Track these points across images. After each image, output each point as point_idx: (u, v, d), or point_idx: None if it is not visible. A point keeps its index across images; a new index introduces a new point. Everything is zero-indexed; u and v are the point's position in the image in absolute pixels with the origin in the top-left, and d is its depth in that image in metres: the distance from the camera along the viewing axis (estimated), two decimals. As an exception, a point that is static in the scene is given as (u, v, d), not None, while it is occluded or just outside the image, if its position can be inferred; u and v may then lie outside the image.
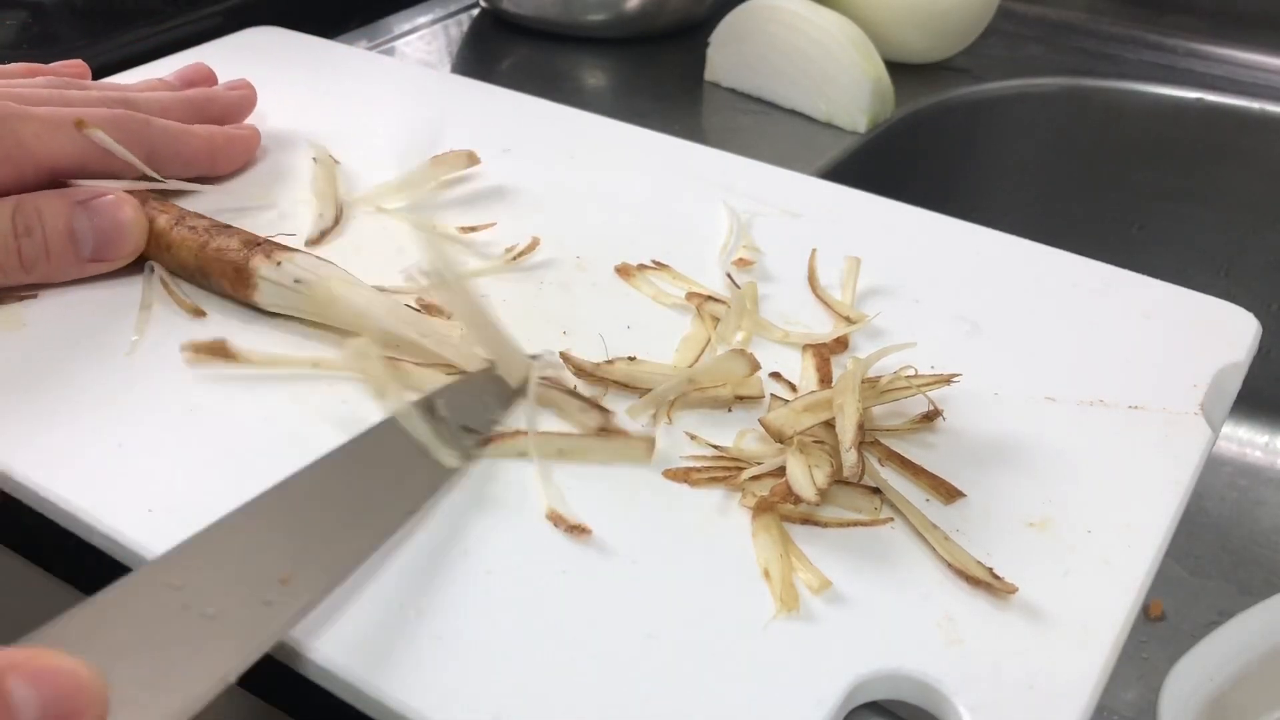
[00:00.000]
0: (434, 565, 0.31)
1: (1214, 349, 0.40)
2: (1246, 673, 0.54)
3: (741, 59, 0.68)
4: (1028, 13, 0.82)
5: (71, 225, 0.40)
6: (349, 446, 0.33)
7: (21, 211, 0.39)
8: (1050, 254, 0.46)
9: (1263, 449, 0.77)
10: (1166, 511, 0.34)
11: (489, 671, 0.28)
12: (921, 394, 0.37)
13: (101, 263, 0.41)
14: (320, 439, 0.33)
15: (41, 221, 0.40)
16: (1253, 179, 0.72)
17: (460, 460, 0.34)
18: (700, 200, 0.49)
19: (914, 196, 0.49)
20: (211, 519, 0.29)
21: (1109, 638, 0.30)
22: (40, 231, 0.40)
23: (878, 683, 0.29)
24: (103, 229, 0.41)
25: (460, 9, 0.80)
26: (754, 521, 0.32)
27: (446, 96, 0.58)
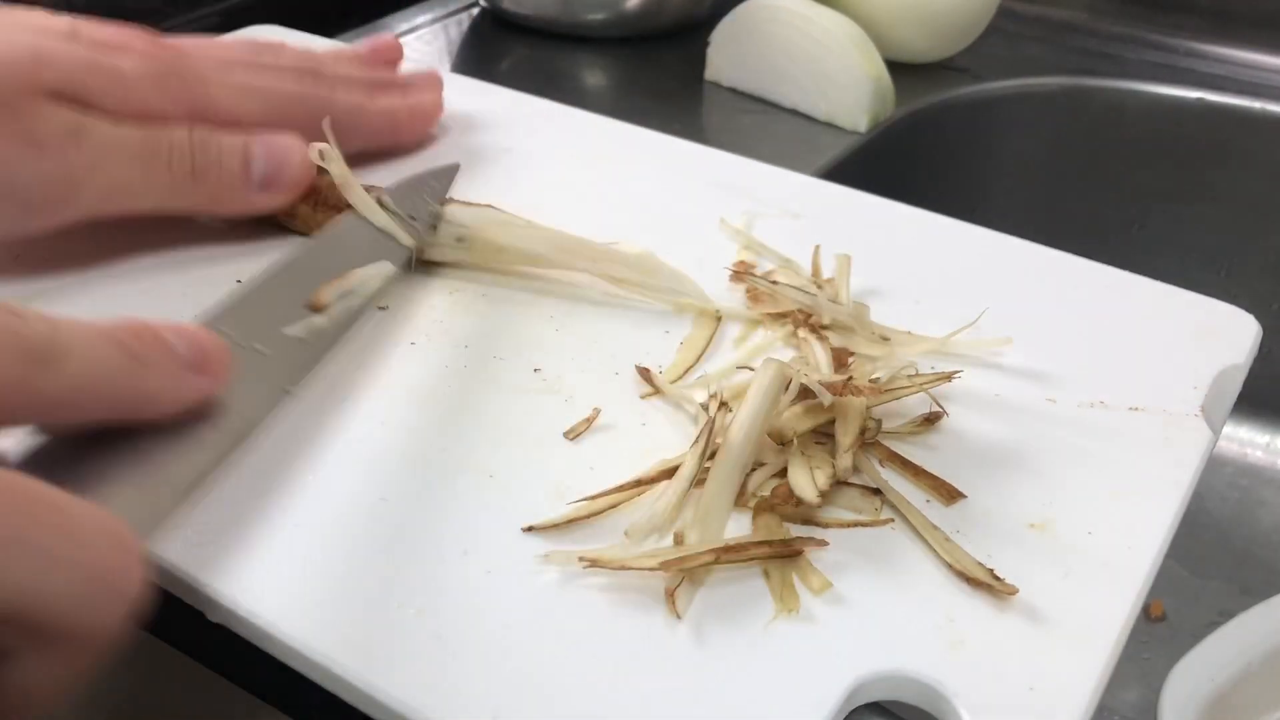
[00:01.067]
0: (434, 565, 0.31)
1: (1214, 350, 0.40)
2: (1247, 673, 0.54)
3: (741, 59, 0.68)
4: (1028, 12, 0.82)
5: (248, 149, 0.42)
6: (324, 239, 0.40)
7: (199, 132, 0.41)
8: (1050, 254, 0.46)
9: (1263, 449, 0.77)
10: (1167, 512, 0.34)
11: (489, 671, 0.28)
12: (924, 392, 0.37)
13: (268, 193, 0.43)
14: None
15: (219, 141, 0.41)
16: (1253, 179, 0.72)
17: (411, 240, 0.42)
18: (700, 200, 0.49)
19: (914, 196, 0.49)
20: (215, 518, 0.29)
21: (1109, 638, 0.30)
22: (216, 149, 0.41)
23: (878, 683, 0.29)
24: (275, 160, 0.42)
25: (460, 9, 0.80)
26: (754, 521, 0.32)
27: (446, 96, 0.58)
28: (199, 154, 0.41)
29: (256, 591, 0.30)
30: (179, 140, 0.41)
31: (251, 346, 0.33)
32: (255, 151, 0.42)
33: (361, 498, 0.33)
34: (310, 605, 0.30)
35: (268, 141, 0.42)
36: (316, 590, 0.30)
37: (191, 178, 0.41)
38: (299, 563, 0.31)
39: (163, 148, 0.40)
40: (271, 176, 0.42)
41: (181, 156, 0.40)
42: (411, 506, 0.33)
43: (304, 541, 0.32)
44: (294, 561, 0.31)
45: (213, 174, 0.41)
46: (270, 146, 0.42)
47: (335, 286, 0.38)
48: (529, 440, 0.35)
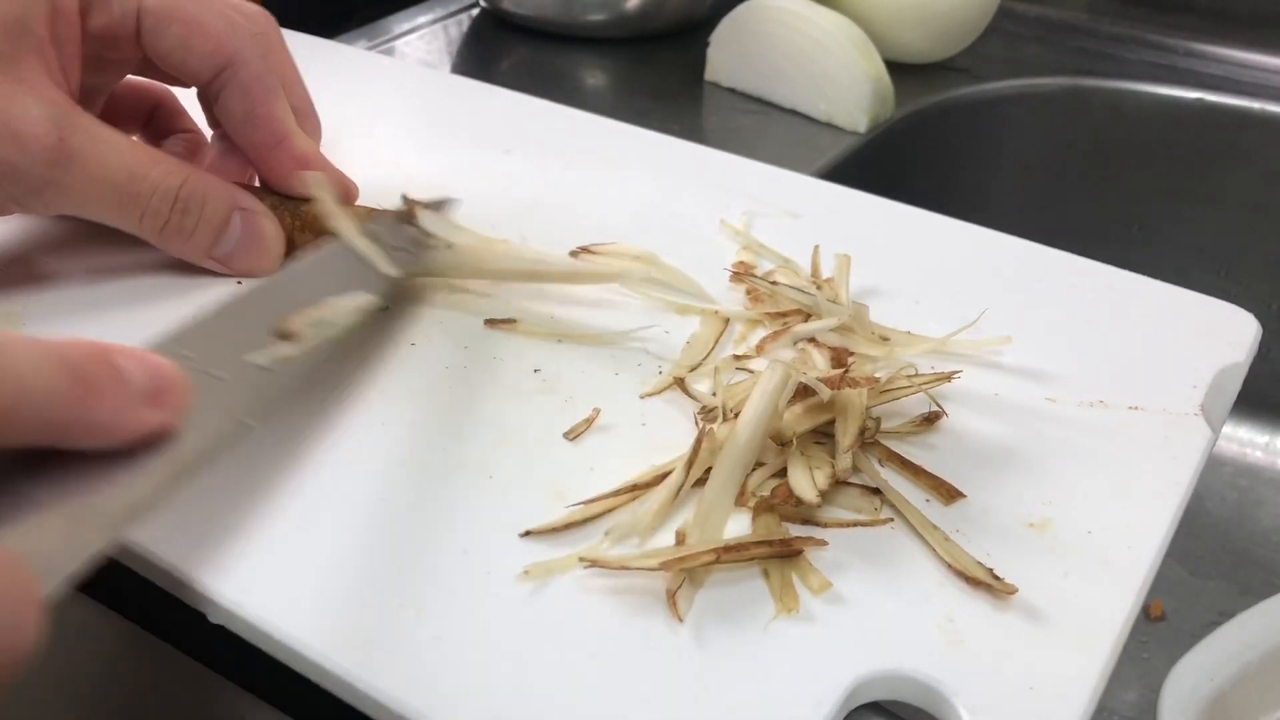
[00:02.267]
0: (434, 565, 0.31)
1: (1214, 349, 0.40)
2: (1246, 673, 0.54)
3: (741, 59, 0.68)
4: (1028, 13, 0.82)
5: (227, 226, 0.41)
6: (302, 264, 0.38)
7: (189, 189, 0.40)
8: (1050, 253, 0.46)
9: (1263, 449, 0.77)
10: (1166, 512, 0.34)
11: (489, 672, 0.28)
12: (923, 392, 0.37)
13: (226, 268, 0.42)
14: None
15: (203, 208, 0.40)
16: (1253, 179, 0.72)
17: (397, 270, 0.39)
18: (700, 200, 0.49)
19: (914, 196, 0.49)
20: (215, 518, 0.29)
21: (1109, 638, 0.30)
22: (197, 216, 0.40)
23: (878, 683, 0.29)
24: (248, 242, 0.41)
25: (460, 9, 0.80)
26: (754, 521, 0.32)
27: (446, 96, 0.58)
28: (177, 219, 0.40)
29: (257, 592, 0.30)
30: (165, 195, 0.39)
31: (211, 372, 0.31)
32: (232, 229, 0.41)
33: (361, 498, 0.33)
34: (310, 606, 0.30)
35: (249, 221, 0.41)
36: (316, 591, 0.30)
37: (159, 235, 0.40)
38: (299, 564, 0.31)
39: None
40: (231, 258, 0.41)
41: (159, 214, 0.39)
42: (411, 507, 0.33)
43: (304, 542, 0.32)
44: (294, 562, 0.31)
45: (177, 241, 0.40)
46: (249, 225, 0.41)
47: (308, 315, 0.35)
48: (528, 440, 0.35)
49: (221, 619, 0.30)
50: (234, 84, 0.41)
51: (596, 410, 0.36)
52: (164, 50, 0.40)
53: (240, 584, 0.30)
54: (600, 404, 0.37)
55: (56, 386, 0.24)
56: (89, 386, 0.24)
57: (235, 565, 0.31)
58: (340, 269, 0.39)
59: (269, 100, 0.42)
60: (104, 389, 0.25)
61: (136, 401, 0.26)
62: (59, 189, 0.37)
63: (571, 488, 0.34)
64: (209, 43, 0.40)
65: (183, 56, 0.41)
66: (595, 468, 0.35)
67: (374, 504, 0.33)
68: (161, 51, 0.41)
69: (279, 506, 0.33)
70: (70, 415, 0.24)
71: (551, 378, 0.38)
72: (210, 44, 0.40)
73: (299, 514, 0.32)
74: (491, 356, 0.39)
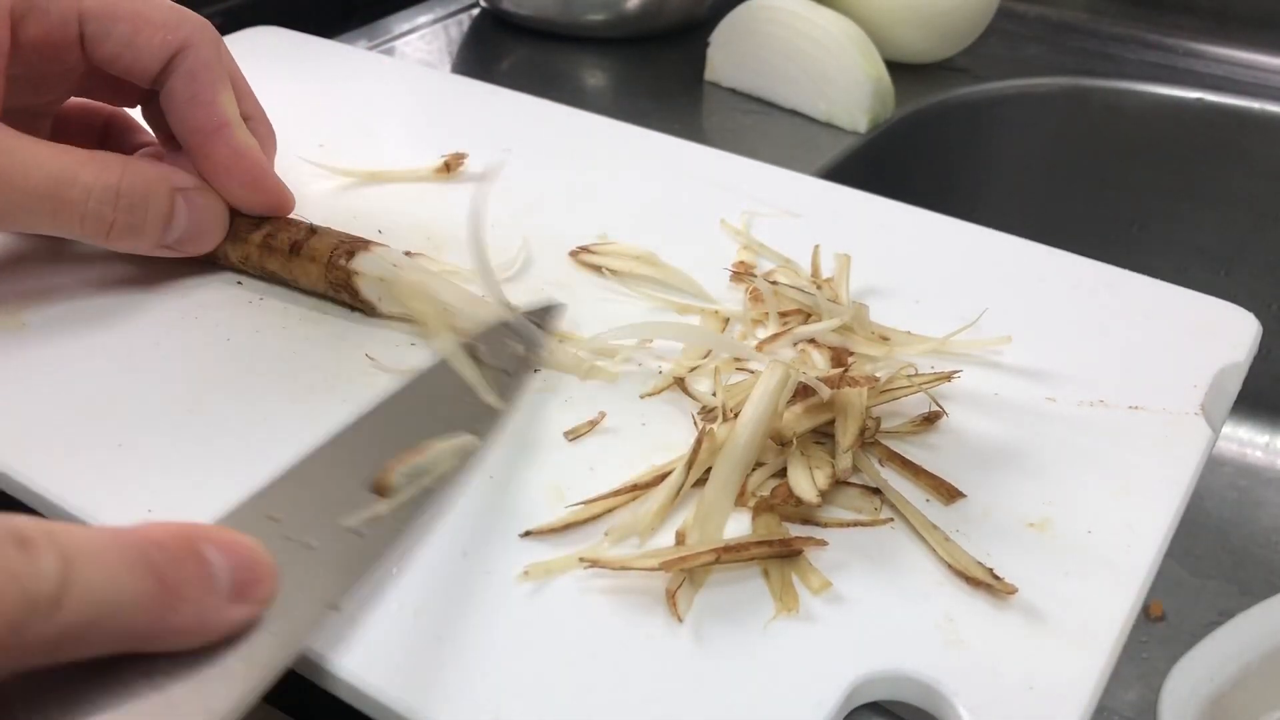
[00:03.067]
0: (434, 565, 0.31)
1: (1214, 349, 0.40)
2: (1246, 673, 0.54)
3: (741, 59, 0.68)
4: (1028, 13, 0.82)
5: (173, 213, 0.39)
6: (404, 390, 0.34)
7: (128, 182, 0.38)
8: (1050, 254, 0.46)
9: (1263, 449, 0.77)
10: (1166, 511, 0.34)
11: (489, 671, 0.28)
12: (923, 392, 0.37)
13: (175, 252, 0.41)
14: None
15: (148, 201, 0.38)
16: (1253, 179, 0.72)
17: (501, 402, 0.35)
18: (700, 200, 0.49)
19: (914, 196, 0.49)
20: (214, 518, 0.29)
21: (1109, 638, 0.30)
22: (144, 210, 0.38)
23: (878, 683, 0.29)
24: (195, 223, 0.40)
25: (460, 9, 0.80)
26: (754, 521, 0.32)
27: (446, 96, 0.58)
28: (123, 216, 0.38)
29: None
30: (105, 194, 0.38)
31: (302, 541, 0.28)
32: (179, 215, 0.40)
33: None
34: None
35: (193, 201, 0.40)
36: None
37: (106, 235, 0.38)
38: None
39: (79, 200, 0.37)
40: (185, 241, 0.40)
41: (101, 215, 0.38)
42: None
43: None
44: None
45: (125, 238, 0.39)
46: (195, 207, 0.40)
47: (405, 463, 0.31)
48: (529, 440, 0.35)
49: (221, 619, 0.30)
50: (182, 69, 0.40)
51: (602, 414, 0.36)
52: (110, 52, 0.39)
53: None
54: (600, 404, 0.37)
55: (139, 593, 0.22)
56: (173, 590, 0.22)
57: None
58: (440, 396, 0.35)
59: (214, 86, 0.40)
60: (189, 591, 0.23)
61: (223, 599, 0.24)
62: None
63: (571, 488, 0.34)
64: (157, 34, 0.39)
65: (132, 55, 0.39)
66: (595, 468, 0.35)
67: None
68: (107, 54, 0.39)
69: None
70: (153, 623, 0.22)
71: (552, 378, 0.38)
72: (159, 35, 0.39)
73: (299, 514, 0.32)
74: (491, 356, 0.39)
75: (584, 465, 0.35)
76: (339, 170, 0.49)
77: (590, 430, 0.36)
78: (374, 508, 0.30)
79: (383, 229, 0.46)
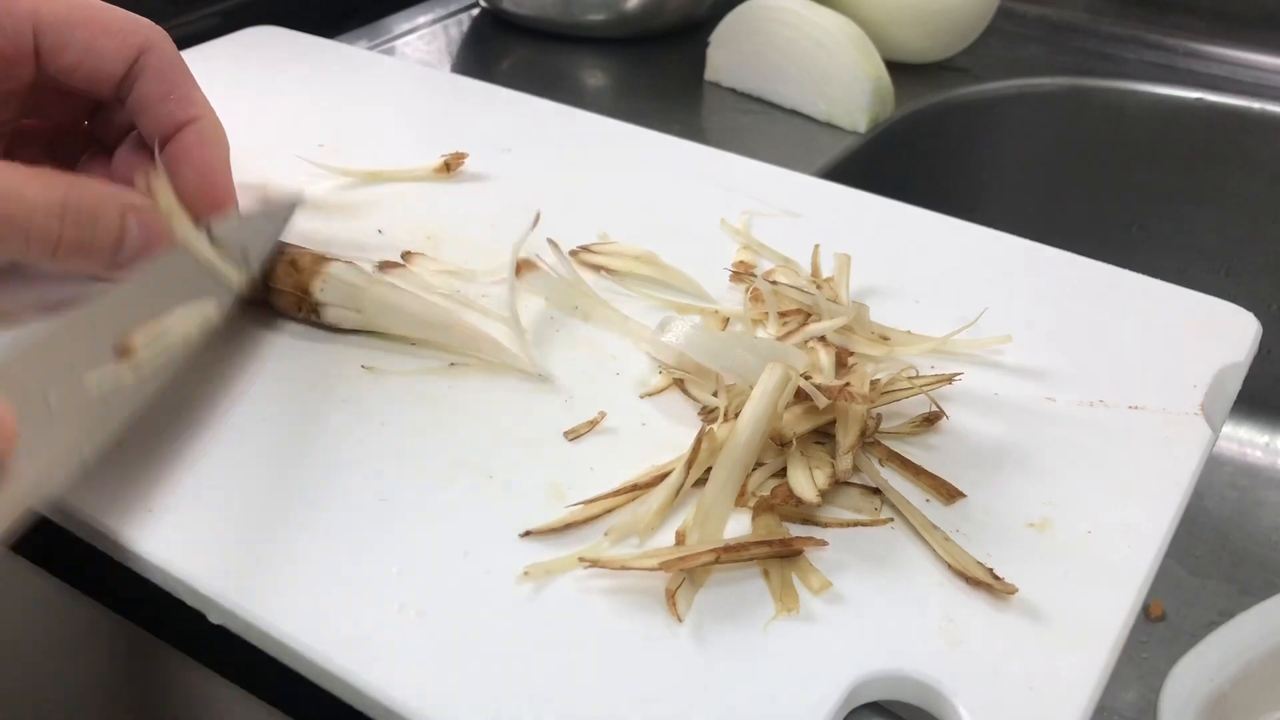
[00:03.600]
0: (434, 566, 0.31)
1: (1214, 349, 0.40)
2: (1246, 673, 0.54)
3: (741, 59, 0.68)
4: (1028, 13, 0.82)
5: (124, 230, 0.37)
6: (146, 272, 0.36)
7: (75, 197, 0.36)
8: (1050, 252, 0.46)
9: (1263, 449, 0.77)
10: (1166, 511, 0.34)
11: (489, 671, 0.28)
12: (923, 394, 0.37)
13: (119, 274, 0.39)
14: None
15: (95, 219, 0.37)
16: (1253, 179, 0.72)
17: (238, 276, 0.37)
18: (700, 200, 0.49)
19: (914, 196, 0.49)
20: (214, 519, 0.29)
21: (1109, 638, 0.30)
22: (91, 227, 0.37)
23: (878, 683, 0.29)
24: (148, 242, 0.38)
25: (460, 9, 0.80)
26: (754, 521, 0.32)
27: (446, 96, 0.58)
28: (71, 233, 0.36)
29: (257, 592, 0.30)
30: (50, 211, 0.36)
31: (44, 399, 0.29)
32: (130, 234, 0.37)
33: (361, 499, 0.33)
34: (310, 606, 0.30)
35: (144, 220, 0.38)
36: (317, 591, 0.30)
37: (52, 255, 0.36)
38: (299, 564, 0.31)
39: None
40: (136, 259, 0.38)
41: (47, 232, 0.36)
42: (411, 507, 0.33)
43: (304, 543, 0.32)
44: (294, 562, 0.31)
45: (74, 258, 0.37)
46: (146, 225, 0.38)
47: (148, 330, 0.33)
48: (528, 440, 0.35)
49: (222, 619, 0.30)
50: (149, 69, 0.39)
51: (602, 414, 0.36)
52: (70, 62, 0.38)
53: (240, 584, 0.30)
54: (600, 404, 0.37)
55: None
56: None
57: (236, 566, 0.31)
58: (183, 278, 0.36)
59: (187, 81, 0.40)
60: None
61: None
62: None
63: (572, 488, 0.34)
64: (117, 37, 0.38)
65: (93, 62, 0.38)
66: (595, 468, 0.35)
67: (374, 504, 0.33)
68: (67, 64, 0.38)
69: (279, 507, 0.33)
70: None
71: (552, 378, 0.38)
72: (119, 38, 0.38)
73: (299, 514, 0.32)
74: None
75: (584, 465, 0.35)
76: (339, 170, 0.49)
77: (590, 430, 0.36)
78: (119, 371, 0.32)
79: (383, 229, 0.46)
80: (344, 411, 0.36)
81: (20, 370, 0.29)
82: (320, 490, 0.33)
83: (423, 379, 0.38)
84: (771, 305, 0.40)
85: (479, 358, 0.39)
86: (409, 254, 0.44)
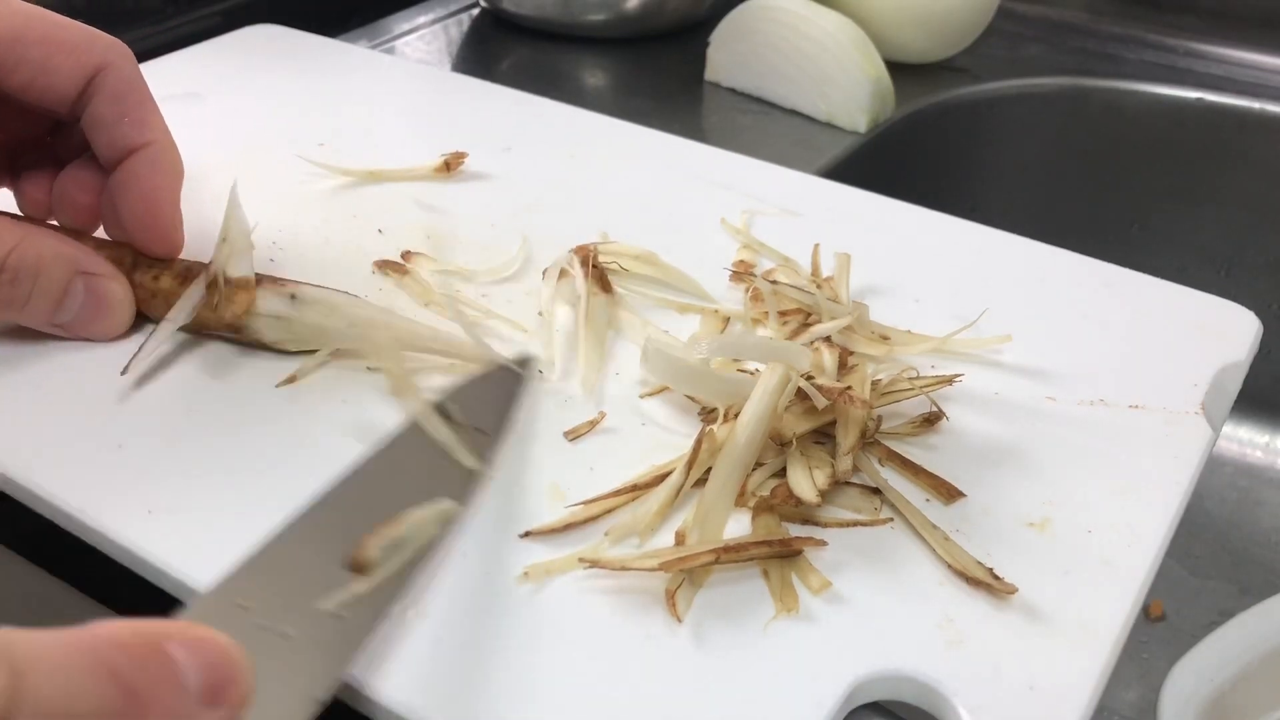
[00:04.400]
0: (434, 567, 0.31)
1: (1214, 348, 0.40)
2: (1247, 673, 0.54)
3: (741, 59, 0.68)
4: (1028, 13, 0.82)
5: (66, 294, 0.37)
6: (375, 456, 0.32)
7: (20, 255, 0.36)
8: (1050, 253, 0.46)
9: (1263, 449, 0.77)
10: (1166, 511, 0.34)
11: (489, 672, 0.28)
12: (924, 395, 0.37)
13: (70, 334, 0.39)
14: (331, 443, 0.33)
15: (37, 277, 0.37)
16: (1253, 179, 0.72)
17: (477, 462, 0.33)
18: (700, 200, 0.49)
19: (914, 196, 0.49)
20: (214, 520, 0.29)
21: (1109, 638, 0.30)
22: (30, 285, 0.37)
23: (878, 683, 0.29)
24: (92, 309, 0.38)
25: (460, 9, 0.80)
26: (754, 521, 0.32)
27: (446, 96, 0.58)
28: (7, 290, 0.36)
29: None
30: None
31: (278, 630, 0.26)
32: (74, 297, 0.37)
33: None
34: (310, 605, 0.30)
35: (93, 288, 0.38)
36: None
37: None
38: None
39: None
40: (77, 325, 0.38)
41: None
42: (411, 506, 0.33)
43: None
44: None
45: (10, 311, 0.37)
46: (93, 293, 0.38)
47: (383, 536, 0.29)
48: (528, 440, 0.35)
49: (221, 619, 0.30)
50: (105, 90, 0.38)
51: (602, 414, 0.36)
52: (23, 80, 0.37)
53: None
54: (600, 404, 0.37)
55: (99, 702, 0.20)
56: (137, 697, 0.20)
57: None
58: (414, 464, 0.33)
59: (143, 105, 0.39)
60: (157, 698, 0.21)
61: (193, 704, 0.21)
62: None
63: (571, 488, 0.34)
64: (72, 56, 0.37)
65: (46, 81, 0.37)
66: (595, 468, 0.35)
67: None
68: (20, 83, 0.37)
69: (279, 508, 0.33)
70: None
71: (552, 377, 0.38)
72: (74, 57, 0.37)
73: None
74: (491, 356, 0.39)
75: (584, 465, 0.35)
76: (339, 170, 0.49)
77: (590, 430, 0.36)
78: (352, 587, 0.28)
79: (383, 229, 0.46)
80: (343, 411, 0.36)
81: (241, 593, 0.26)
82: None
83: (423, 378, 0.38)
84: (771, 305, 0.40)
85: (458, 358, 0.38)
86: (409, 254, 0.44)
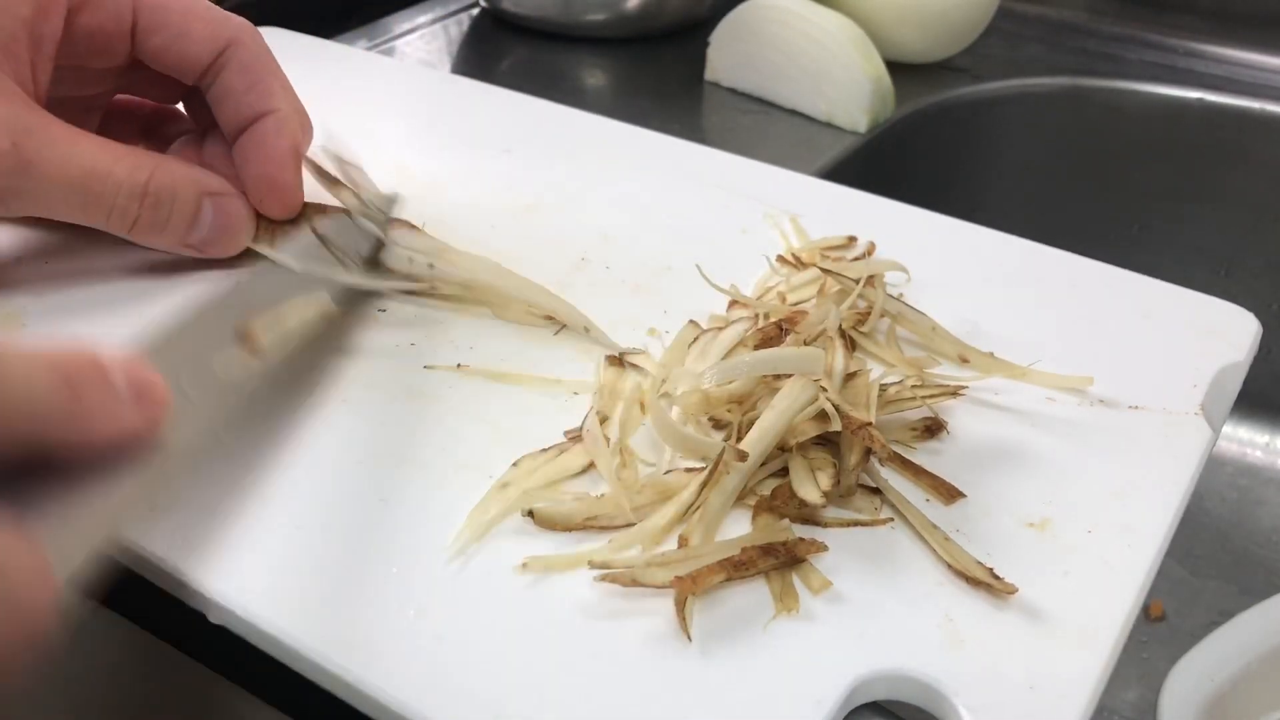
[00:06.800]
0: (434, 566, 0.31)
1: (1214, 349, 0.40)
2: (1246, 673, 0.54)
3: (741, 59, 0.68)
4: (1028, 13, 0.82)
5: (198, 214, 0.40)
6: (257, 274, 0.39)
7: (157, 182, 0.39)
8: (1050, 252, 0.46)
9: (1263, 449, 0.77)
10: (1166, 511, 0.34)
11: (489, 671, 0.28)
12: (926, 405, 0.36)
13: (198, 252, 0.41)
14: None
15: (174, 200, 0.39)
16: (1253, 179, 0.72)
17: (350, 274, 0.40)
18: (700, 200, 0.49)
19: (914, 196, 0.49)
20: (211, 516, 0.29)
21: (1109, 638, 0.30)
22: (169, 208, 0.39)
23: (878, 683, 0.29)
24: (220, 227, 0.41)
25: (460, 9, 0.80)
26: (754, 521, 0.32)
27: (446, 96, 0.58)
28: (148, 213, 0.39)
29: (257, 592, 0.30)
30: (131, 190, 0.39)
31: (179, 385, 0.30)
32: (204, 217, 0.40)
33: (361, 499, 0.33)
34: (311, 606, 0.30)
35: (220, 206, 0.41)
36: (317, 591, 0.30)
37: (130, 229, 0.39)
38: (300, 564, 0.31)
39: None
40: (208, 244, 0.41)
41: (126, 211, 0.39)
42: (411, 507, 0.33)
43: (305, 543, 0.32)
44: (295, 562, 0.31)
45: (150, 234, 0.40)
46: (222, 211, 0.41)
47: (268, 320, 0.35)
48: (529, 440, 0.35)
49: (221, 619, 0.30)
50: (235, 62, 0.41)
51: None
52: (161, 44, 0.40)
53: (241, 584, 0.30)
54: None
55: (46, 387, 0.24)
56: (76, 386, 0.24)
57: (236, 566, 0.31)
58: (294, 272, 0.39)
59: (269, 77, 0.41)
60: (91, 389, 0.25)
61: (121, 401, 0.26)
62: (19, 195, 0.37)
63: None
64: (208, 27, 0.41)
65: (182, 46, 0.40)
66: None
67: (374, 504, 0.33)
68: (158, 46, 0.40)
69: (279, 507, 0.33)
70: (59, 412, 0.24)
71: (551, 377, 0.38)
72: (209, 28, 0.41)
73: (299, 515, 0.32)
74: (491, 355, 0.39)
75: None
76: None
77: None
78: (244, 357, 0.33)
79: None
80: (342, 412, 0.36)
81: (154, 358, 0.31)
82: (320, 490, 0.33)
83: (423, 378, 0.38)
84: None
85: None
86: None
